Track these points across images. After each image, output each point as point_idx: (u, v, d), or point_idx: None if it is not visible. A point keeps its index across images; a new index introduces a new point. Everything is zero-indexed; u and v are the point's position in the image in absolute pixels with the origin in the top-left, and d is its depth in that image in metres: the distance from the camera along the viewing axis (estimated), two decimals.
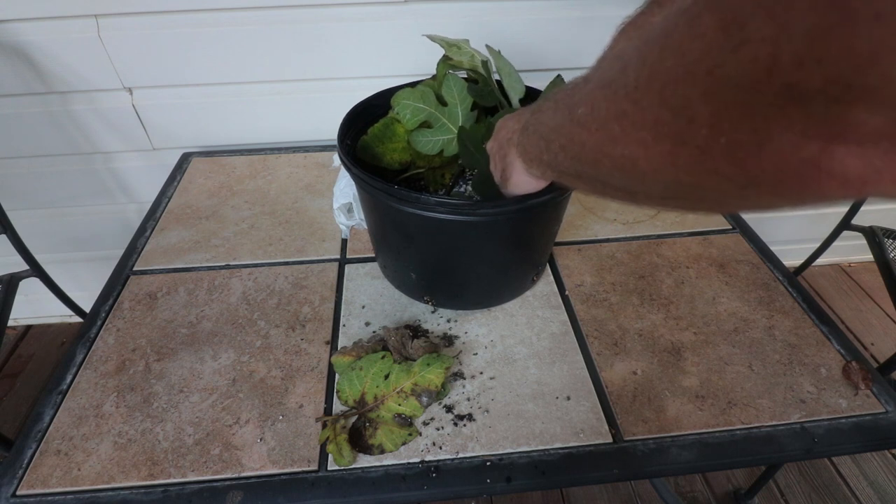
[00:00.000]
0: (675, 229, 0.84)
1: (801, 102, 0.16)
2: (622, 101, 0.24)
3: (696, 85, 0.19)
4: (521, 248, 0.66)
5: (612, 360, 0.64)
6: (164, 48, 0.92)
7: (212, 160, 1.01)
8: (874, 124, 0.15)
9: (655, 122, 0.22)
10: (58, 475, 0.52)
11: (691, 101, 0.20)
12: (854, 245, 1.34)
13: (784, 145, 0.17)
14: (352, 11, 0.92)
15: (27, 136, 1.02)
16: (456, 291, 0.69)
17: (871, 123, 0.15)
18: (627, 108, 0.24)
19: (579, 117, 0.29)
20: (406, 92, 0.63)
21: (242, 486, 0.52)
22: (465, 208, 0.53)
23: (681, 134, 0.21)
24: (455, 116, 0.62)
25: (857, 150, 0.16)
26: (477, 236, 0.60)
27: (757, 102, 0.17)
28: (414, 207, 0.54)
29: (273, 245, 0.81)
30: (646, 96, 0.22)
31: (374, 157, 0.64)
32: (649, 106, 0.22)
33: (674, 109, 0.21)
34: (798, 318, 0.69)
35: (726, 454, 0.55)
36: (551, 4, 0.94)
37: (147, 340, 0.66)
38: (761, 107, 0.17)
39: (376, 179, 0.55)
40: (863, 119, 0.15)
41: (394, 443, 0.55)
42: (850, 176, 0.17)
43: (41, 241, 1.12)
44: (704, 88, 0.19)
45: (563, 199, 0.61)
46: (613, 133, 0.25)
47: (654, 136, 0.23)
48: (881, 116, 0.15)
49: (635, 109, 0.23)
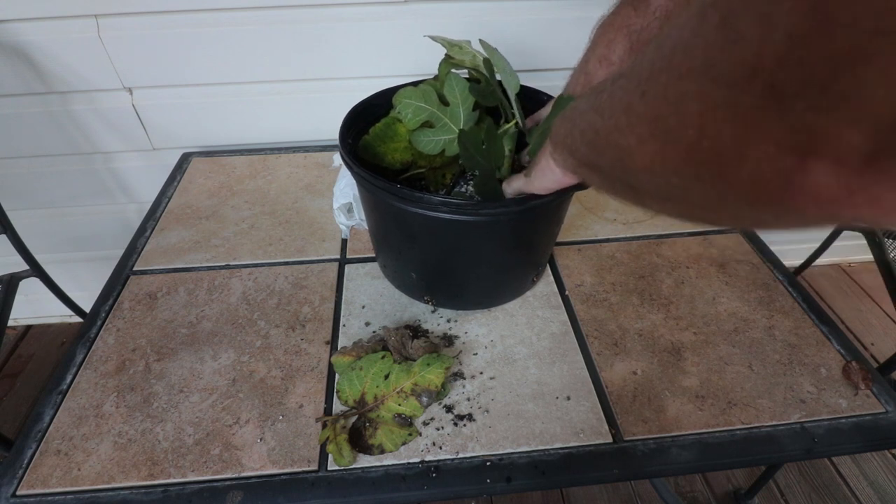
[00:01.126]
0: (675, 229, 0.84)
1: (780, 106, 0.16)
2: (632, 93, 0.24)
3: (692, 81, 0.19)
4: (522, 249, 0.66)
5: (612, 360, 0.64)
6: (164, 48, 0.92)
7: (212, 160, 1.01)
8: (849, 139, 0.15)
9: (654, 117, 0.22)
10: (58, 475, 0.52)
11: (686, 98, 0.20)
12: (854, 245, 1.34)
13: (762, 155, 0.17)
14: (352, 11, 0.92)
15: (27, 136, 1.02)
16: (456, 291, 0.69)
17: (845, 137, 0.15)
18: (634, 99, 0.24)
19: (600, 103, 0.29)
20: (408, 91, 0.63)
21: (242, 486, 0.52)
22: (468, 208, 0.53)
23: (671, 132, 0.21)
24: (457, 116, 0.62)
25: (832, 168, 0.16)
26: (478, 236, 0.60)
27: (741, 104, 0.17)
28: (416, 207, 0.54)
29: (273, 245, 0.81)
30: (652, 89, 0.22)
31: (375, 157, 0.64)
32: (652, 99, 0.22)
33: (671, 105, 0.21)
34: (798, 318, 0.69)
35: (726, 454, 0.55)
36: (551, 4, 0.95)
37: (147, 340, 0.66)
38: (744, 109, 0.17)
39: (378, 178, 0.55)
40: (838, 132, 0.15)
41: (394, 443, 0.55)
42: (823, 194, 0.17)
43: (41, 241, 1.12)
44: (699, 86, 0.19)
45: (564, 200, 0.61)
46: (620, 123, 0.25)
47: (649, 132, 0.23)
48: (856, 130, 0.15)
49: (640, 102, 0.23)
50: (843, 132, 0.15)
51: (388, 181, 0.55)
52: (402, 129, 0.64)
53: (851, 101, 0.14)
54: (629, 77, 0.25)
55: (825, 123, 0.15)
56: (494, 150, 0.58)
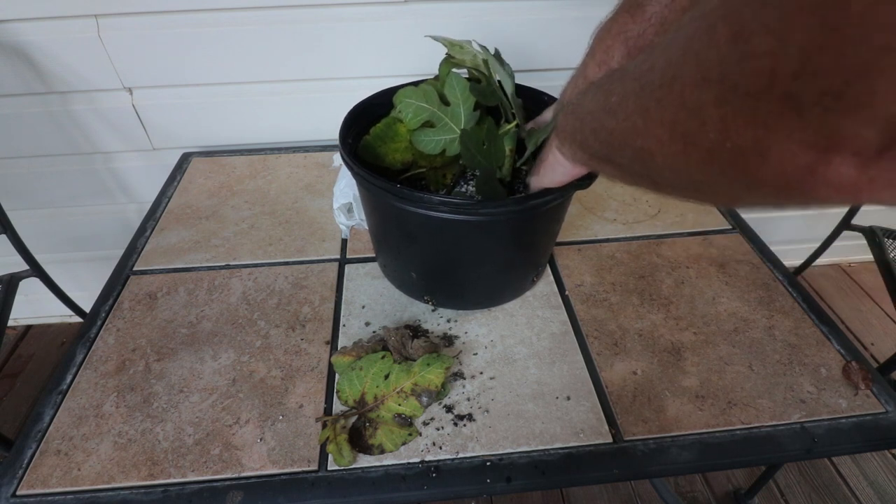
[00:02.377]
0: (675, 229, 0.84)
1: (799, 112, 0.17)
2: (647, 98, 0.25)
3: (710, 90, 0.20)
4: (522, 249, 0.66)
5: (612, 360, 0.64)
6: (164, 48, 0.92)
7: (212, 160, 1.01)
8: (865, 135, 0.16)
9: (672, 121, 0.23)
10: (58, 475, 0.52)
11: (705, 105, 0.21)
12: (854, 245, 1.34)
13: (784, 154, 0.18)
14: (352, 11, 0.92)
15: (27, 136, 1.02)
16: (456, 291, 0.69)
17: (862, 134, 0.16)
18: (650, 105, 0.25)
19: (611, 105, 0.30)
20: (408, 90, 0.63)
21: (242, 486, 0.52)
22: (468, 208, 0.53)
23: (693, 135, 0.22)
24: (458, 116, 0.62)
25: (851, 160, 0.17)
26: (478, 236, 0.60)
27: (760, 110, 0.18)
28: (416, 206, 0.54)
29: (273, 245, 0.81)
30: (667, 96, 0.23)
31: (376, 157, 0.64)
32: (669, 105, 0.23)
33: (690, 111, 0.22)
34: (798, 318, 0.69)
35: (726, 454, 0.55)
36: (551, 4, 0.95)
37: (147, 340, 0.66)
38: (764, 115, 0.18)
39: (378, 178, 0.55)
40: (855, 130, 0.16)
41: (394, 443, 0.55)
42: (845, 183, 0.18)
43: (41, 241, 1.12)
44: (716, 94, 0.20)
45: (564, 200, 0.61)
46: (637, 126, 0.27)
47: (669, 135, 0.24)
48: (871, 128, 0.16)
49: (657, 107, 0.24)
50: (860, 130, 0.16)
51: (388, 181, 0.55)
52: (403, 129, 0.64)
53: (865, 106, 0.15)
54: (639, 81, 0.26)
55: (842, 123, 0.16)
56: (495, 150, 0.59)
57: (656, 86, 0.24)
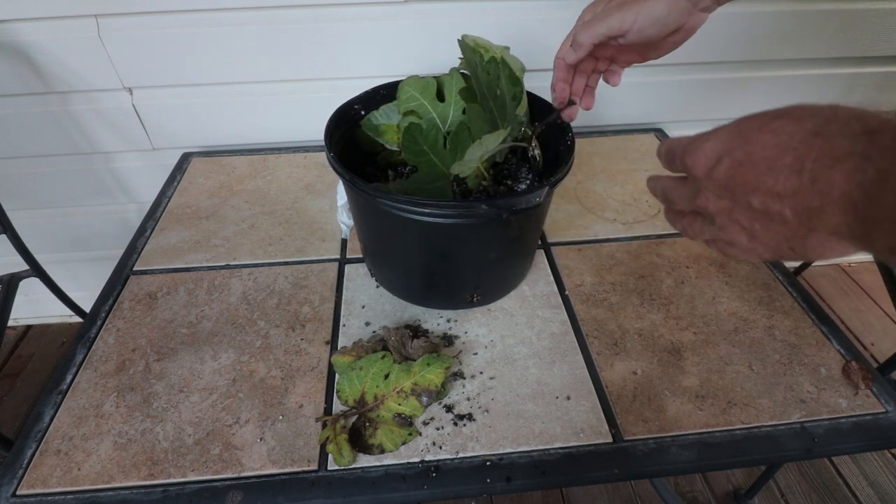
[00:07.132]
0: (675, 229, 0.84)
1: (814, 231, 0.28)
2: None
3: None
4: (510, 244, 0.66)
5: (612, 359, 0.64)
6: (164, 48, 0.92)
7: (212, 160, 1.01)
8: (842, 233, 0.26)
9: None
10: (58, 475, 0.52)
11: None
12: None
13: (815, 243, 0.28)
14: (352, 11, 0.92)
15: (27, 136, 1.02)
16: (439, 291, 0.69)
17: (842, 234, 0.26)
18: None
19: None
20: (412, 80, 0.67)
21: (242, 486, 0.52)
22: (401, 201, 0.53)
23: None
24: (446, 115, 0.64)
25: (843, 242, 0.27)
26: (464, 236, 0.60)
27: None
28: (376, 197, 0.54)
29: (273, 245, 0.81)
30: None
31: (377, 133, 0.68)
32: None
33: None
34: (798, 317, 0.69)
35: (726, 454, 0.55)
36: (551, 5, 0.94)
37: (147, 340, 0.66)
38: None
39: (340, 165, 0.57)
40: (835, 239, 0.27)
41: (394, 443, 0.55)
42: (846, 250, 0.28)
43: (41, 241, 1.12)
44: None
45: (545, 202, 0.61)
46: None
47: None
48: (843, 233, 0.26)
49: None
50: (838, 238, 0.27)
51: (366, 180, 0.55)
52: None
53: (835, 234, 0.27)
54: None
55: (834, 236, 0.27)
56: (454, 153, 0.59)
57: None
